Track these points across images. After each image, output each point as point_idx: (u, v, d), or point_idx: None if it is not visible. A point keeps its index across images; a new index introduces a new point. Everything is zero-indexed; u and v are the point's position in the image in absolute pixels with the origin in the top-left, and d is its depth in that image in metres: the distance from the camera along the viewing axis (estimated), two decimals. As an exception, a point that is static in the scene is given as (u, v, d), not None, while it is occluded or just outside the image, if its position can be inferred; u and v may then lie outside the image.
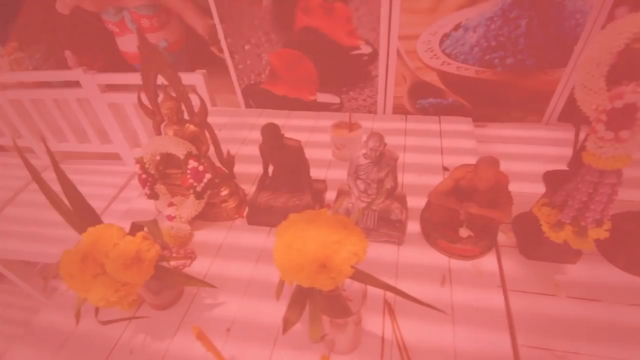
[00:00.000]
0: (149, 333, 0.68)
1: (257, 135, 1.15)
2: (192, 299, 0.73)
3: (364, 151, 0.73)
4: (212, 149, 0.85)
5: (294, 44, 1.06)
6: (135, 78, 1.30)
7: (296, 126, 1.16)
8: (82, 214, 0.56)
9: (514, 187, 0.86)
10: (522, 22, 0.90)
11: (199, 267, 0.79)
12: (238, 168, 1.01)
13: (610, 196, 0.55)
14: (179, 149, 0.77)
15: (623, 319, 0.63)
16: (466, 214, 0.67)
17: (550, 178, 0.71)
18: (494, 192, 0.66)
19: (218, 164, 0.87)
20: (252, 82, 1.18)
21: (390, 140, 1.06)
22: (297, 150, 0.76)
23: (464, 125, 1.08)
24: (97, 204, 1.51)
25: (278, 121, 1.18)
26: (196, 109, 0.78)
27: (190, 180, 0.78)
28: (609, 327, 0.62)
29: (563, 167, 0.74)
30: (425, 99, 1.11)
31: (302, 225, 0.45)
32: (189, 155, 0.77)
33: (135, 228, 0.57)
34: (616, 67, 0.54)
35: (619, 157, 0.50)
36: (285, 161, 0.78)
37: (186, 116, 0.80)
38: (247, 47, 1.09)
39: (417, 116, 1.14)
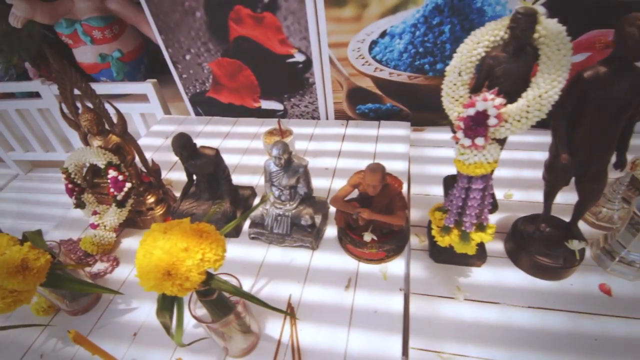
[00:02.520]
0: (61, 338, 0.71)
1: (201, 142, 1.18)
2: (108, 304, 0.75)
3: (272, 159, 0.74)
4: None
5: (231, 53, 1.08)
6: (96, 88, 1.33)
7: (241, 133, 1.18)
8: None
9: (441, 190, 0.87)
10: (445, 29, 0.92)
11: (121, 273, 0.81)
12: (180, 175, 1.03)
13: (481, 201, 0.56)
14: (99, 159, 0.79)
15: (517, 321, 0.64)
16: (362, 219, 0.68)
17: (447, 182, 0.72)
18: (388, 198, 0.67)
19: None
20: (197, 90, 1.21)
21: (328, 145, 1.09)
22: (212, 159, 0.78)
23: (402, 129, 1.10)
24: (60, 212, 1.55)
25: (224, 128, 1.22)
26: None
27: (111, 190, 0.80)
28: (501, 329, 0.63)
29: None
30: (364, 104, 1.12)
31: (156, 234, 0.47)
32: (109, 165, 0.79)
33: (26, 238, 0.59)
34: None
35: (479, 163, 0.52)
36: (202, 169, 0.80)
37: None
38: (187, 57, 1.12)
39: (358, 121, 1.16)
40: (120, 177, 0.79)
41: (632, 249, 0.67)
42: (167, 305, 0.50)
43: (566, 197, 0.70)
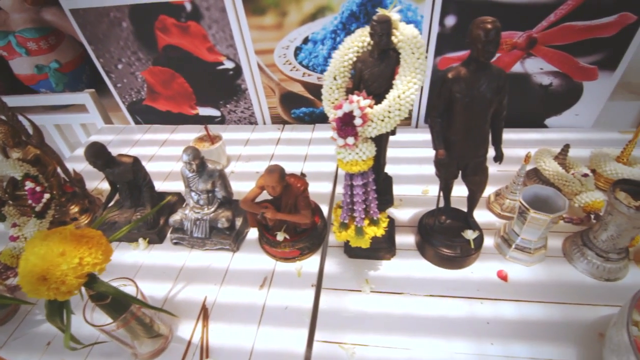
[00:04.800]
0: (-27, 352, 0.70)
1: (138, 151, 1.18)
2: (25, 316, 0.75)
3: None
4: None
5: (162, 62, 1.09)
6: (32, 100, 1.32)
7: (178, 140, 1.19)
8: None
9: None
10: (363, 34, 0.96)
11: (43, 284, 0.81)
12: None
13: (365, 197, 0.59)
14: (16, 171, 0.79)
15: (418, 310, 0.68)
16: (269, 220, 0.71)
17: (351, 181, 0.75)
18: (293, 197, 0.70)
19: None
20: (134, 99, 1.21)
21: (262, 150, 1.12)
22: (130, 167, 0.79)
23: (334, 132, 1.13)
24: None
25: (163, 136, 1.23)
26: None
27: (29, 201, 0.80)
28: (402, 318, 0.67)
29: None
30: (298, 108, 1.15)
31: (37, 241, 0.48)
32: (25, 177, 0.79)
33: None
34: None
35: (355, 161, 0.55)
36: (120, 178, 0.81)
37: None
38: (119, 66, 1.12)
39: (294, 125, 1.19)
40: (38, 188, 0.80)
41: (524, 236, 0.71)
42: (55, 310, 0.51)
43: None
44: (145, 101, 1.21)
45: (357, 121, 0.51)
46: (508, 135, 1.06)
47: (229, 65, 1.07)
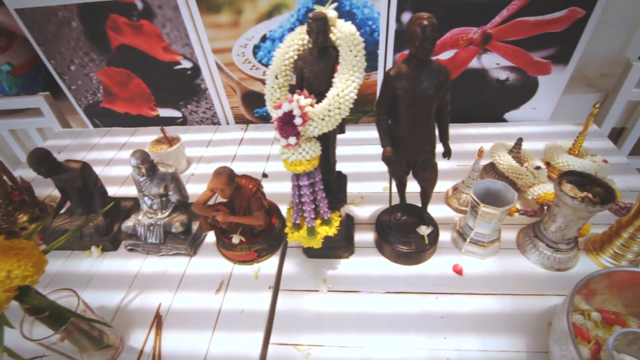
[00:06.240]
0: None
1: (96, 155, 1.14)
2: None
3: (136, 168, 0.74)
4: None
5: (117, 62, 1.06)
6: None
7: (138, 143, 1.15)
8: None
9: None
10: (320, 31, 0.95)
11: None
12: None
13: (313, 197, 0.59)
14: (-45, 180, 0.75)
15: (374, 307, 0.68)
16: (222, 223, 0.69)
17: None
18: (246, 199, 0.69)
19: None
20: (90, 101, 1.17)
21: (225, 150, 1.10)
22: (78, 172, 0.76)
23: (298, 130, 1.12)
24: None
25: (122, 139, 1.19)
26: None
27: (-29, 211, 0.76)
28: (358, 316, 0.66)
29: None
30: (260, 107, 1.14)
31: (-40, 255, 0.45)
32: (-34, 186, 0.76)
33: None
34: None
35: (299, 161, 0.54)
36: (69, 184, 0.78)
37: None
38: (72, 67, 1.08)
39: (258, 125, 1.17)
40: (-20, 198, 0.76)
41: (477, 230, 0.72)
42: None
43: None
44: (103, 103, 1.17)
45: (297, 120, 0.50)
46: (468, 129, 1.08)
47: (186, 64, 1.04)
